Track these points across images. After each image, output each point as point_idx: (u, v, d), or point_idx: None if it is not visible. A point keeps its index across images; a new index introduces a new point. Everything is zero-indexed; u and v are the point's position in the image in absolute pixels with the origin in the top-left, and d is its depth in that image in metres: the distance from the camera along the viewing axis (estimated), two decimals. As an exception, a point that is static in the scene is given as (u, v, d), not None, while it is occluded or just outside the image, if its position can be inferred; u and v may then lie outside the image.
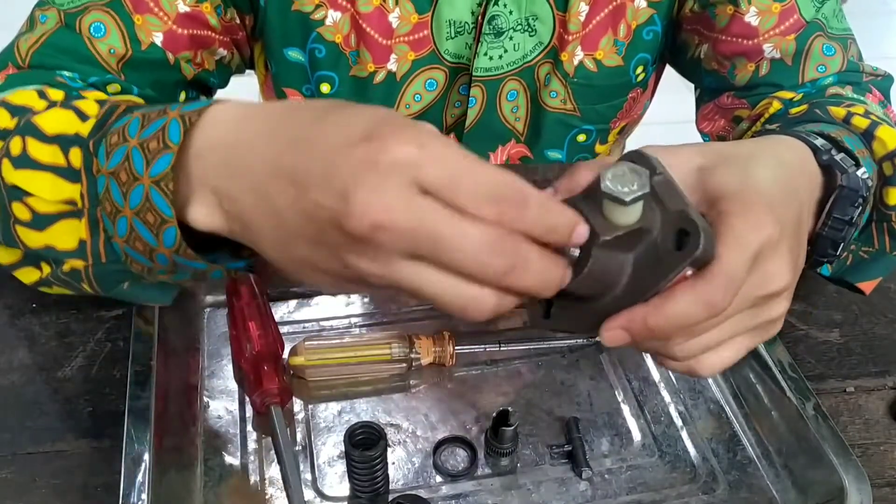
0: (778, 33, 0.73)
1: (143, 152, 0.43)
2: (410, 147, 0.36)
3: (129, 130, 0.45)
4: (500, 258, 0.36)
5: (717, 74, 0.79)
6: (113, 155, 0.45)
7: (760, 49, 0.74)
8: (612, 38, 0.78)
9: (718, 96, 0.80)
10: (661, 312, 0.40)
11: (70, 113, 0.50)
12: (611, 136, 0.87)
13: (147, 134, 0.44)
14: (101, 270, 0.50)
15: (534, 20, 0.76)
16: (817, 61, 0.73)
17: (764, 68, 0.75)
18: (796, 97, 0.72)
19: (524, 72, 0.79)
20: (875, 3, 3.06)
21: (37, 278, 0.55)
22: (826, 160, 0.53)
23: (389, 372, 0.66)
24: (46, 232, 0.50)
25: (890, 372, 0.67)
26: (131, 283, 0.53)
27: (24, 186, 0.49)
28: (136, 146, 0.44)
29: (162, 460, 0.55)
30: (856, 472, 0.56)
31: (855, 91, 0.71)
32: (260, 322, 0.63)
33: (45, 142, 0.49)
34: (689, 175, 0.44)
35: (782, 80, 0.74)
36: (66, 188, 0.48)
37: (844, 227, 0.53)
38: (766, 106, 0.73)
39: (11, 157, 0.50)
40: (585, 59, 0.78)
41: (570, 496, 0.59)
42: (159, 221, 0.43)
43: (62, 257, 0.51)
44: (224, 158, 0.42)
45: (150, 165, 0.43)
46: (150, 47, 0.67)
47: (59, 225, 0.49)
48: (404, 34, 0.75)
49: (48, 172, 0.49)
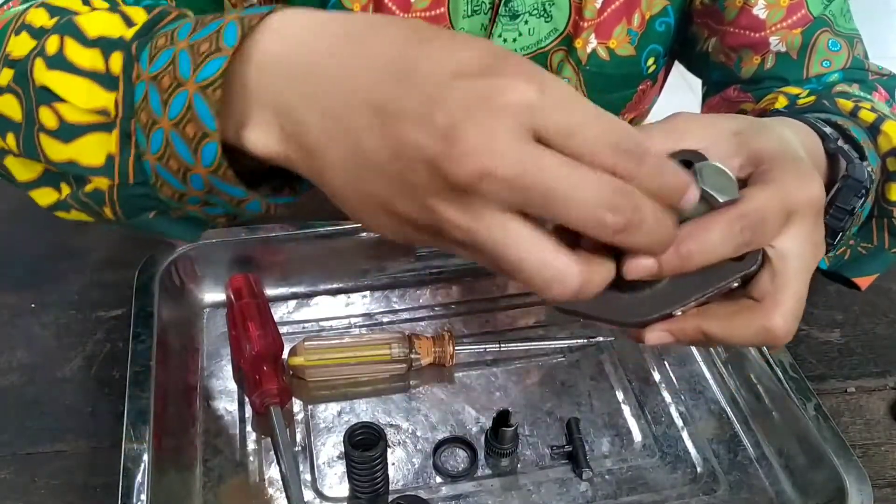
0: (785, 27, 0.74)
1: (192, 55, 0.39)
2: (531, 88, 0.33)
3: (178, 33, 0.40)
4: (617, 213, 0.33)
5: (725, 68, 0.79)
6: (157, 58, 0.40)
7: (767, 42, 0.75)
8: (625, 28, 0.78)
9: (724, 90, 0.80)
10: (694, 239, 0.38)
11: (116, 17, 0.45)
12: None
13: (199, 36, 0.39)
14: (127, 193, 0.45)
15: (550, 5, 0.76)
16: (822, 56, 0.74)
17: (769, 61, 0.75)
18: (803, 93, 0.72)
19: (537, 58, 0.79)
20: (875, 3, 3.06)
21: (54, 200, 0.49)
22: (833, 148, 0.53)
23: (389, 372, 0.66)
24: (72, 144, 0.44)
25: (891, 372, 0.67)
26: (158, 213, 0.47)
27: (56, 90, 0.44)
28: (184, 48, 0.39)
29: (161, 461, 0.55)
30: (857, 472, 0.56)
31: (861, 89, 0.71)
32: (259, 322, 0.63)
33: (85, 44, 0.44)
34: (727, 140, 0.43)
35: (787, 73, 0.74)
36: (102, 96, 0.43)
37: (846, 216, 0.53)
38: (771, 101, 0.73)
39: (46, 55, 0.45)
40: (599, 48, 0.79)
41: (571, 497, 0.59)
42: (200, 135, 0.39)
43: (86, 174, 0.45)
44: (291, 74, 0.37)
45: (198, 69, 0.38)
46: None
47: (88, 138, 0.44)
48: (422, 9, 0.75)
49: (84, 78, 0.43)
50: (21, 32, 0.48)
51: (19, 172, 0.49)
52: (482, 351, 0.68)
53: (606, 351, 0.70)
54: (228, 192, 0.41)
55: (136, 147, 0.42)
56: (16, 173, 0.49)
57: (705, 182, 0.38)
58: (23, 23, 0.49)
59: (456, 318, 0.72)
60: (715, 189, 0.38)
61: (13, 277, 0.71)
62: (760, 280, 0.41)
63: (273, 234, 0.71)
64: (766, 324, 0.40)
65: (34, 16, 0.49)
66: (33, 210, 0.51)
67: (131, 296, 0.64)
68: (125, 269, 0.69)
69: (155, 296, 0.65)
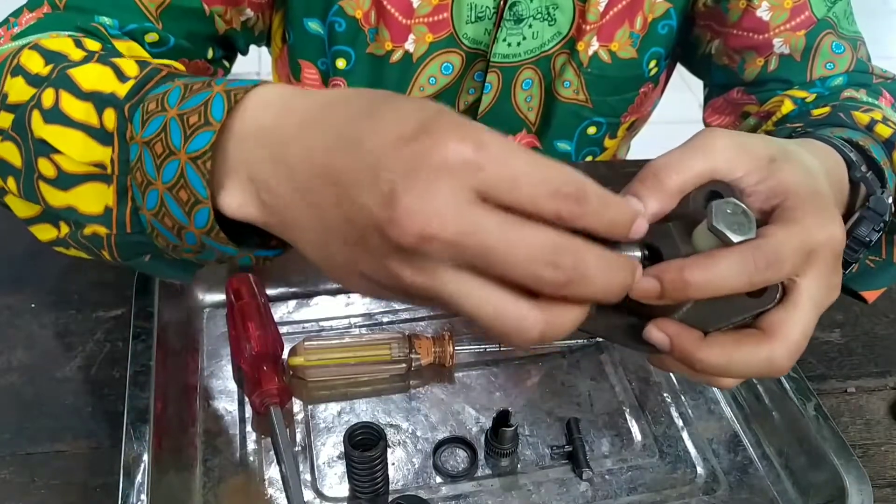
0: (788, 29, 0.74)
1: (182, 125, 0.41)
2: (467, 147, 0.33)
3: (168, 99, 0.43)
4: (557, 269, 0.34)
5: (728, 70, 0.79)
6: (149, 123, 0.42)
7: (770, 44, 0.75)
8: (627, 31, 0.78)
9: (728, 92, 0.80)
10: (701, 269, 0.38)
11: (108, 70, 0.47)
12: (620, 131, 0.87)
13: (188, 106, 0.41)
14: (124, 240, 0.47)
15: (554, 9, 0.76)
16: (826, 58, 0.74)
17: (773, 63, 0.75)
18: (809, 97, 0.72)
19: (541, 61, 0.80)
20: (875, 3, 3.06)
21: (53, 237, 0.52)
22: (858, 177, 0.52)
23: (389, 372, 0.66)
24: (71, 192, 0.47)
25: (891, 372, 0.67)
26: (153, 256, 0.50)
27: (53, 142, 0.46)
28: (174, 117, 0.41)
29: (161, 461, 0.55)
30: (857, 472, 0.56)
31: (868, 94, 0.72)
32: (259, 322, 0.63)
33: (80, 97, 0.46)
34: (759, 167, 0.43)
35: (791, 75, 0.74)
36: (97, 150, 0.45)
37: (861, 248, 0.53)
38: (777, 104, 0.73)
39: (43, 109, 0.47)
40: (600, 51, 0.79)
41: (571, 497, 0.59)
42: (192, 201, 0.41)
43: (84, 221, 0.47)
44: (266, 145, 0.39)
45: (188, 140, 0.40)
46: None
47: (85, 187, 0.46)
48: (424, 15, 0.75)
49: (79, 131, 0.46)
50: (17, 76, 0.50)
51: (20, 210, 0.51)
52: (482, 351, 0.68)
53: (606, 351, 0.70)
54: (220, 250, 0.44)
55: (133, 201, 0.45)
56: (16, 210, 0.52)
57: (718, 221, 0.38)
58: (18, 65, 0.51)
59: (456, 318, 0.72)
60: (729, 228, 0.38)
61: (13, 277, 0.71)
62: (771, 311, 0.41)
63: (273, 234, 0.71)
64: (771, 355, 0.40)
65: (29, 60, 0.51)
66: (33, 210, 0.52)
67: (131, 296, 0.64)
68: (125, 270, 0.69)
69: (155, 296, 0.65)
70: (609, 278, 0.35)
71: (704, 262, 0.38)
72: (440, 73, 0.79)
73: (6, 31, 0.61)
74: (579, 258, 0.34)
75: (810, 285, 0.41)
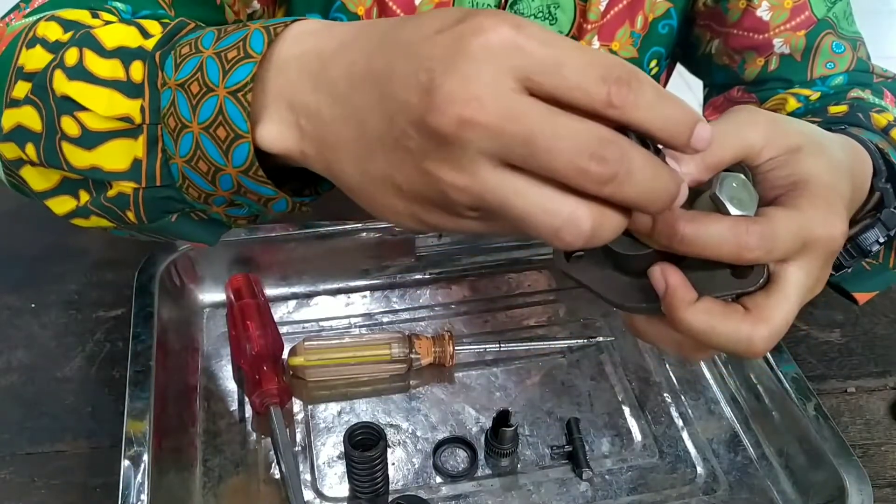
0: (788, 28, 0.74)
1: (220, 61, 0.40)
2: (507, 29, 0.32)
3: (202, 41, 0.42)
4: (602, 162, 0.32)
5: (729, 70, 0.79)
6: (184, 66, 0.42)
7: (770, 44, 0.75)
8: (628, 30, 0.78)
9: (728, 91, 0.81)
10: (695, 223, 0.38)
11: (133, 28, 0.46)
12: None
13: (225, 44, 0.41)
14: (152, 195, 0.46)
15: (555, 8, 0.76)
16: (826, 58, 0.74)
17: (773, 63, 0.76)
18: (813, 95, 0.72)
19: None
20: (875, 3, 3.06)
21: (72, 207, 0.50)
22: (880, 187, 0.53)
23: (389, 372, 0.66)
24: (96, 151, 0.45)
25: (891, 372, 0.67)
26: (180, 216, 0.49)
27: (78, 98, 0.45)
28: (211, 55, 0.41)
29: (161, 461, 0.55)
30: (857, 472, 0.56)
31: (873, 93, 0.72)
32: (259, 322, 0.63)
33: (104, 55, 0.45)
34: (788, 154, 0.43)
35: (791, 75, 0.75)
36: (124, 104, 0.44)
37: (860, 255, 0.53)
38: (780, 102, 0.74)
39: (66, 67, 0.46)
40: (601, 50, 0.79)
41: (571, 497, 0.59)
42: (232, 136, 0.40)
43: (110, 178, 0.46)
44: (307, 70, 0.39)
45: (227, 75, 0.39)
46: None
47: (111, 144, 0.45)
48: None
49: (106, 87, 0.45)
50: (35, 46, 0.49)
51: (36, 182, 0.50)
52: (482, 351, 0.68)
53: (606, 351, 0.70)
54: (258, 192, 0.42)
55: (164, 151, 0.44)
56: (32, 183, 0.50)
57: (722, 191, 0.38)
58: (34, 36, 0.49)
59: (456, 318, 0.72)
60: (731, 201, 0.38)
61: (13, 277, 0.71)
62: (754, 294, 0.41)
63: (273, 234, 0.71)
64: (752, 335, 0.40)
65: (47, 29, 0.49)
66: (33, 210, 0.52)
67: (131, 296, 0.64)
68: (125, 269, 0.69)
69: (155, 296, 0.65)
70: (654, 182, 0.33)
71: (699, 218, 0.38)
72: None
73: (18, 14, 0.60)
74: (626, 153, 0.32)
75: (800, 275, 0.41)
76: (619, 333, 0.71)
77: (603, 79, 0.32)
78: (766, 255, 0.39)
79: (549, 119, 0.32)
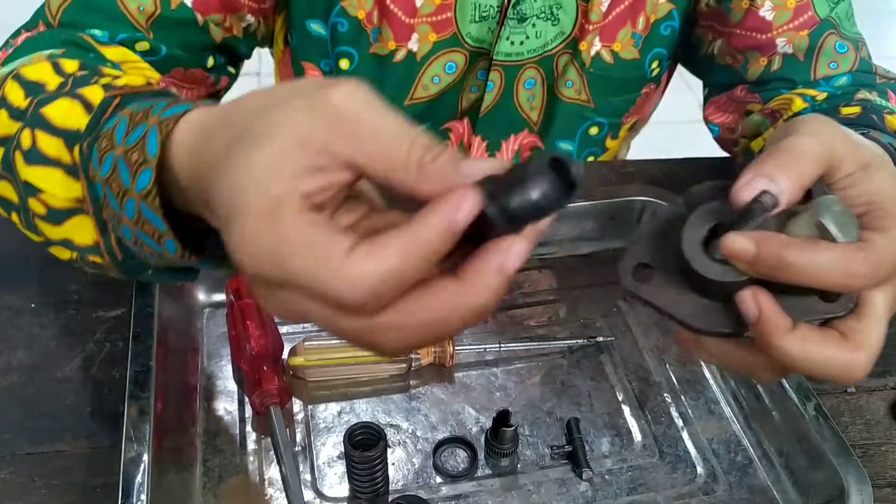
0: (791, 28, 0.74)
1: (127, 164, 0.42)
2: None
3: (116, 135, 0.44)
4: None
5: (731, 70, 0.79)
6: (104, 162, 0.44)
7: (773, 43, 0.75)
8: (630, 31, 0.78)
9: (729, 91, 0.81)
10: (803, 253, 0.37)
11: (76, 103, 0.48)
12: (622, 132, 0.87)
13: (131, 141, 0.42)
14: (120, 264, 0.48)
15: (557, 9, 0.76)
16: (830, 58, 0.74)
17: (776, 63, 0.76)
18: (820, 96, 0.72)
19: (543, 60, 0.80)
20: (875, 3, 3.06)
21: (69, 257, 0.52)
22: None
23: (389, 372, 0.66)
24: (64, 226, 0.48)
25: (891, 372, 0.67)
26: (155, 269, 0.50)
27: (35, 183, 0.48)
28: (121, 155, 0.42)
29: (161, 461, 0.55)
30: (857, 472, 0.56)
31: (879, 95, 0.71)
32: (259, 322, 0.63)
33: (53, 134, 0.48)
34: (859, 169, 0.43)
35: (794, 75, 0.75)
36: (75, 186, 0.47)
37: None
38: (786, 102, 0.74)
39: (23, 150, 0.49)
40: (603, 51, 0.79)
41: (571, 497, 0.59)
42: (157, 234, 0.42)
43: (81, 253, 0.49)
44: (193, 161, 0.39)
45: (134, 179, 0.41)
46: (179, 6, 0.67)
47: (75, 220, 0.48)
48: (427, 14, 0.75)
49: (57, 168, 0.47)
50: (2, 108, 0.52)
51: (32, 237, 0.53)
52: (482, 351, 0.68)
53: (606, 351, 0.70)
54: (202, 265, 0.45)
55: (114, 232, 0.46)
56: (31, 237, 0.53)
57: (826, 217, 0.37)
58: (3, 96, 0.52)
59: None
60: (838, 227, 0.37)
61: (13, 277, 0.71)
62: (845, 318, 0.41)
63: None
64: (852, 362, 0.40)
65: (11, 91, 0.52)
66: (33, 210, 0.52)
67: (131, 296, 0.64)
68: (125, 269, 0.69)
69: (155, 296, 0.65)
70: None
71: (807, 247, 0.37)
72: (444, 73, 0.79)
73: (4, 52, 0.62)
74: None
75: (885, 297, 0.41)
76: (619, 333, 0.71)
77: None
78: (871, 282, 0.39)
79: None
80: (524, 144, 0.86)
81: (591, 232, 0.76)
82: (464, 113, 0.83)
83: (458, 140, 0.85)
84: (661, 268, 0.41)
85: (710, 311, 0.41)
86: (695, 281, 0.40)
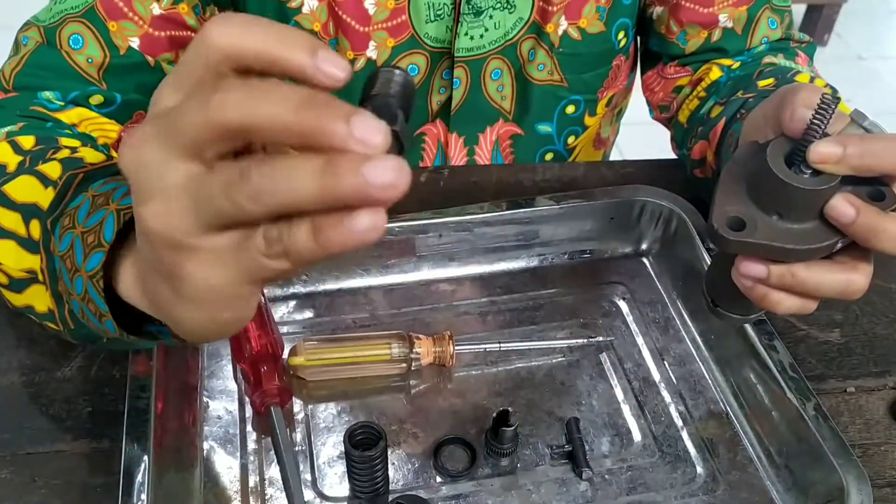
0: (731, 4, 0.79)
1: (83, 244, 0.43)
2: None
3: (78, 215, 0.45)
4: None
5: (664, 40, 0.83)
6: (63, 239, 0.45)
7: (716, 19, 0.80)
8: (594, 5, 0.79)
9: (656, 63, 0.86)
10: (881, 139, 0.44)
11: (35, 180, 0.51)
12: (599, 108, 0.88)
13: (90, 224, 0.43)
14: (73, 332, 0.51)
15: None
16: (763, 33, 0.81)
17: (715, 36, 0.81)
18: (734, 65, 0.78)
19: (507, 49, 0.80)
20: (875, 3, 3.06)
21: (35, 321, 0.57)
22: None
23: (389, 372, 0.66)
24: (24, 294, 0.52)
25: (890, 372, 0.67)
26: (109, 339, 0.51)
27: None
28: (79, 235, 0.44)
29: (162, 460, 0.55)
30: (856, 472, 0.56)
31: (786, 57, 0.78)
32: (259, 322, 0.63)
33: (11, 209, 0.50)
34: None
35: (729, 45, 0.81)
36: (27, 258, 0.49)
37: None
38: (705, 70, 0.80)
39: None
40: (570, 28, 0.80)
41: (571, 497, 0.59)
42: (99, 313, 0.43)
43: (42, 320, 0.52)
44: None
45: (86, 259, 0.43)
46: (128, 52, 0.68)
47: (32, 289, 0.51)
48: (382, 20, 0.75)
49: (11, 241, 0.50)
50: None
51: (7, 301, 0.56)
52: (482, 351, 0.68)
53: (606, 351, 0.70)
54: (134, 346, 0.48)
55: (68, 303, 0.48)
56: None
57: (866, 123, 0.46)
58: None
59: (456, 318, 0.72)
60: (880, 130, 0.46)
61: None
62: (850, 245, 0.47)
63: (273, 234, 0.71)
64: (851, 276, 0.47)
65: None
66: (33, 210, 0.52)
67: (131, 296, 0.64)
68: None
69: (155, 296, 0.65)
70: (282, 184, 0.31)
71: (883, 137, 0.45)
72: None
73: None
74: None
75: None
76: (619, 333, 0.71)
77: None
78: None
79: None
80: (502, 134, 0.87)
81: (591, 232, 0.76)
82: (435, 115, 0.83)
83: (435, 141, 0.85)
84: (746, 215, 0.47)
85: (808, 234, 0.46)
86: (787, 208, 0.46)
